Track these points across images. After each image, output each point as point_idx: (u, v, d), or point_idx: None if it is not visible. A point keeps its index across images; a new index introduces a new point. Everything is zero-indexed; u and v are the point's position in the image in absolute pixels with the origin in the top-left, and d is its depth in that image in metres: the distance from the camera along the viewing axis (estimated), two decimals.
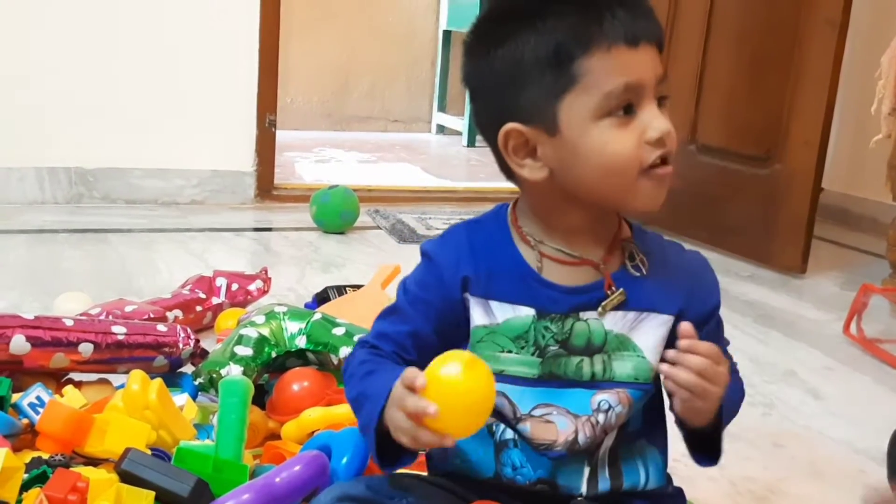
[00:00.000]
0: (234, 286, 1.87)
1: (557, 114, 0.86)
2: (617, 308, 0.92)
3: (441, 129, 5.23)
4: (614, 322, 0.93)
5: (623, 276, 0.93)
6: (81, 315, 1.56)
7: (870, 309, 2.14)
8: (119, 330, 1.35)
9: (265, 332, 1.46)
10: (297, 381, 1.37)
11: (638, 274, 0.93)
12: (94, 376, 1.39)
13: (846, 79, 2.63)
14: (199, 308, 1.79)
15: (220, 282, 1.86)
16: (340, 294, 1.89)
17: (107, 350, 1.34)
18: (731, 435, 1.54)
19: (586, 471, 0.95)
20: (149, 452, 1.07)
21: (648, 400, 0.96)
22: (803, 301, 2.48)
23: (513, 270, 0.94)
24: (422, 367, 0.84)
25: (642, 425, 0.98)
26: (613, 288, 0.92)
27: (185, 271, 2.05)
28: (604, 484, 0.96)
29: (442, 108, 5.17)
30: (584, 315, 0.93)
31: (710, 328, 0.96)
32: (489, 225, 0.97)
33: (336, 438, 1.16)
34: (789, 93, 2.65)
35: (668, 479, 1.02)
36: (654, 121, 0.86)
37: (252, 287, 1.89)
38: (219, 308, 1.83)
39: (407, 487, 0.96)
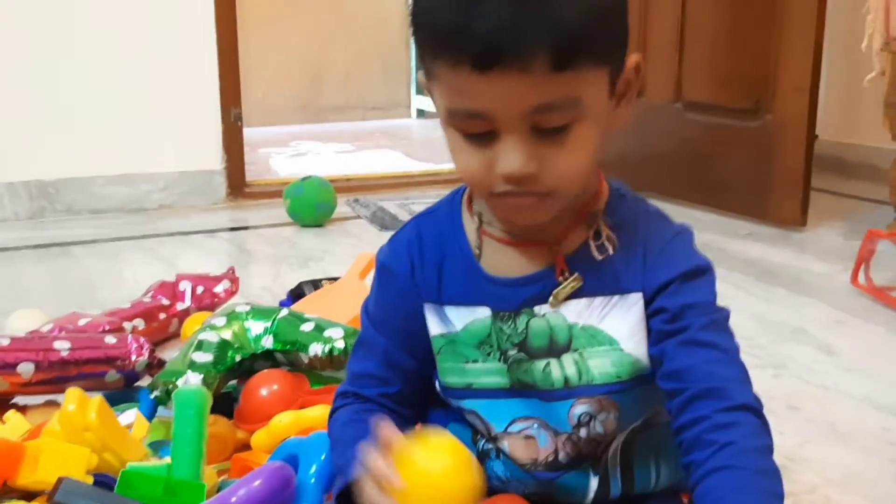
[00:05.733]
0: (200, 289, 1.75)
1: (431, 87, 0.75)
2: (576, 296, 0.79)
3: (421, 114, 5.13)
4: (579, 312, 0.79)
5: (583, 256, 0.79)
6: (29, 333, 1.44)
7: (877, 256, 2.04)
8: (62, 345, 1.24)
9: (227, 334, 1.34)
10: (266, 386, 1.26)
11: (602, 256, 0.79)
12: (41, 399, 1.28)
13: (832, 19, 2.52)
14: (162, 315, 1.68)
15: (184, 286, 1.75)
16: (316, 288, 1.79)
17: (51, 369, 1.23)
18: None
19: (594, 480, 0.83)
20: (90, 479, 0.95)
21: (644, 388, 0.81)
22: (806, 254, 2.38)
23: (463, 265, 0.82)
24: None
25: (643, 418, 0.84)
26: (567, 273, 0.79)
27: (153, 279, 1.93)
28: (615, 489, 0.84)
29: (421, 92, 5.05)
30: (538, 309, 0.79)
31: (668, 294, 0.79)
32: (441, 212, 0.86)
33: (304, 446, 1.05)
34: (775, 38, 2.55)
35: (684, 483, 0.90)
36: (502, 155, 0.71)
37: (219, 289, 1.78)
38: (185, 314, 1.71)
39: None
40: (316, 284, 1.81)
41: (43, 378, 1.23)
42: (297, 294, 1.78)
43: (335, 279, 1.79)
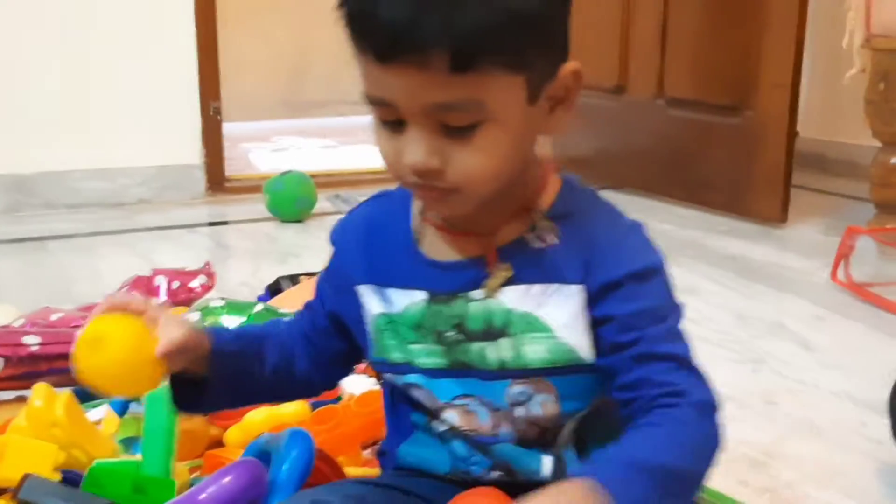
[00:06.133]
0: (175, 284, 1.73)
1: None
2: (513, 283, 0.78)
3: None
4: (517, 299, 0.78)
5: (520, 246, 0.79)
6: (1, 328, 1.42)
7: (856, 253, 2.04)
8: (32, 340, 1.22)
9: None
10: None
11: (540, 245, 0.78)
12: (11, 394, 1.26)
13: (813, 16, 2.52)
14: None
15: (160, 281, 1.73)
16: (294, 283, 1.78)
17: (20, 364, 1.21)
18: (720, 395, 1.46)
19: (546, 459, 0.82)
20: (57, 476, 0.94)
21: (583, 376, 0.80)
22: (786, 251, 2.38)
23: (404, 248, 0.83)
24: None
25: (588, 405, 0.82)
26: (498, 263, 0.78)
27: (131, 274, 1.91)
28: (573, 469, 0.83)
29: None
30: (474, 294, 0.79)
31: (617, 299, 0.76)
32: (396, 195, 0.86)
33: (276, 442, 1.03)
34: (756, 34, 2.55)
35: None
36: (407, 147, 0.71)
37: (195, 283, 1.75)
38: None
39: (361, 497, 0.85)
40: (294, 279, 1.80)
41: (12, 374, 1.22)
42: (274, 289, 1.76)
43: (313, 274, 1.77)
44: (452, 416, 0.83)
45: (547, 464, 0.83)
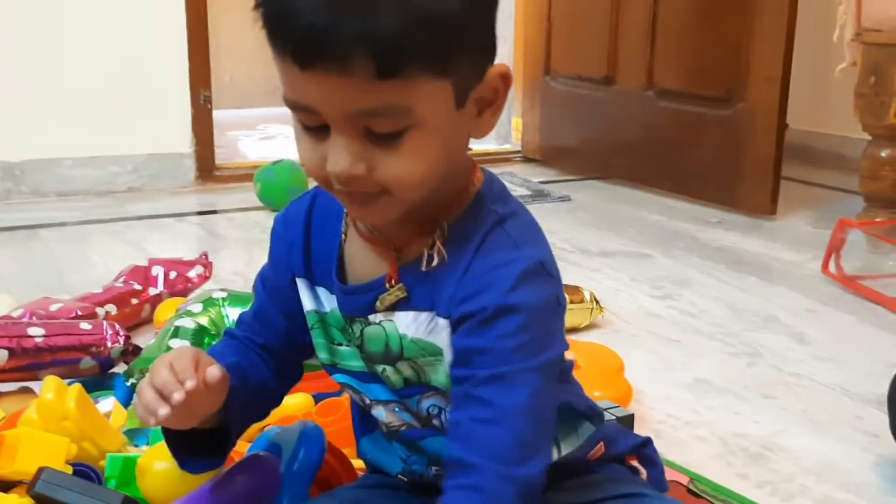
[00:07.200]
0: (173, 274, 1.73)
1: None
2: (405, 308, 0.76)
3: None
4: (407, 325, 0.77)
5: (417, 265, 0.76)
6: (2, 318, 1.41)
7: (846, 246, 2.05)
8: (36, 332, 1.22)
9: (204, 321, 1.33)
10: None
11: (426, 268, 0.75)
12: (14, 386, 1.25)
13: (804, 9, 2.53)
14: (134, 301, 1.65)
15: (157, 270, 1.72)
16: None
17: (24, 355, 1.21)
18: (717, 388, 1.48)
19: None
20: (69, 469, 0.94)
21: None
22: (777, 243, 2.40)
23: (331, 253, 0.81)
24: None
25: None
26: (394, 282, 0.77)
27: (123, 263, 1.90)
28: None
29: None
30: (372, 318, 0.78)
31: (463, 332, 0.73)
32: None
33: (285, 435, 1.03)
34: (747, 27, 2.56)
35: (599, 436, 0.89)
36: (330, 154, 0.68)
37: (192, 274, 1.75)
38: (157, 299, 1.68)
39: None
40: None
41: (16, 365, 1.21)
42: None
43: None
44: (381, 413, 0.83)
45: None
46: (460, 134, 0.74)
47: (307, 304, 0.83)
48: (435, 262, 0.75)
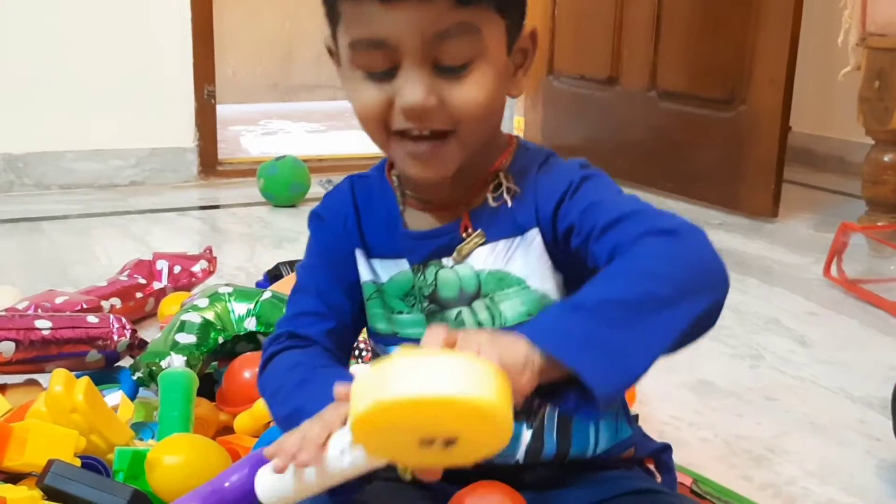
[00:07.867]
0: (177, 268, 1.73)
1: (337, 44, 0.78)
2: (479, 245, 0.81)
3: None
4: (485, 259, 0.81)
5: (484, 211, 0.81)
6: (6, 310, 1.41)
7: (848, 250, 2.06)
8: (43, 324, 1.22)
9: (210, 315, 1.33)
10: (249, 368, 1.24)
11: (497, 204, 0.81)
12: (20, 378, 1.26)
13: (808, 13, 2.53)
14: (139, 295, 1.66)
15: (161, 265, 1.73)
16: (293, 269, 1.77)
17: (31, 348, 1.20)
18: (720, 390, 1.48)
19: (526, 434, 0.83)
20: (77, 462, 0.94)
21: None
22: (778, 245, 2.40)
23: (387, 221, 0.85)
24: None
25: None
26: (470, 230, 0.81)
27: (125, 257, 1.90)
28: (550, 449, 0.84)
29: None
30: (446, 261, 0.82)
31: (566, 210, 0.78)
32: (373, 177, 0.89)
33: None
34: (751, 29, 2.56)
35: (631, 440, 0.90)
36: (403, 88, 0.73)
37: (196, 268, 1.75)
38: (161, 293, 1.69)
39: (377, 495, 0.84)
40: (293, 266, 1.80)
41: (22, 357, 1.21)
42: (274, 275, 1.76)
43: None
44: None
45: (525, 439, 0.83)
46: (506, 83, 0.79)
47: (365, 274, 0.86)
48: (507, 199, 0.80)
